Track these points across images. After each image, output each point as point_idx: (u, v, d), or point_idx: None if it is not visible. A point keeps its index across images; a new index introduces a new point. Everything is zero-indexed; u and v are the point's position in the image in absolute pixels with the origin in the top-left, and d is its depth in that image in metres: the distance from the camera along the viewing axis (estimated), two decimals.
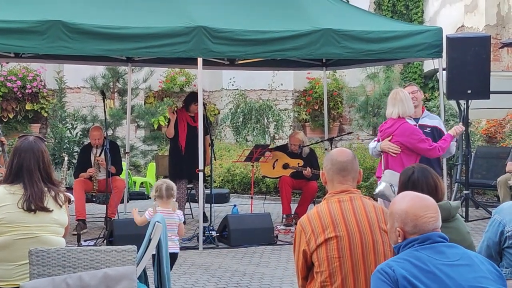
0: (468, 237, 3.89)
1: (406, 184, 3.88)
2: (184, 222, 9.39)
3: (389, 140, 6.75)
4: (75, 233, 8.23)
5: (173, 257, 5.83)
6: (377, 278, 2.80)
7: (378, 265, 3.42)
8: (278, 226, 9.27)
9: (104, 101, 8.90)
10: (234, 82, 16.42)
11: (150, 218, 6.00)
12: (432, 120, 7.27)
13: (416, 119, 7.19)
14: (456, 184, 10.86)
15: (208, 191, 9.26)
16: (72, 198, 4.49)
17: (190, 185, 9.82)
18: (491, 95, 9.32)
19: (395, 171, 6.42)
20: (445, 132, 7.18)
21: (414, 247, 2.84)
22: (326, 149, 10.89)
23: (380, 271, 2.80)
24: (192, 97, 9.61)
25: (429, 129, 7.14)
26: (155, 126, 15.93)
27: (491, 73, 9.39)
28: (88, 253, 3.82)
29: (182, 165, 9.41)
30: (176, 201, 9.60)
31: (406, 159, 6.66)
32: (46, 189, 4.02)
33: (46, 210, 3.98)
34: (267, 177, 10.76)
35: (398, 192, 3.97)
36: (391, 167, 6.61)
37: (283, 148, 10.09)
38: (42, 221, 3.99)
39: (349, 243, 3.45)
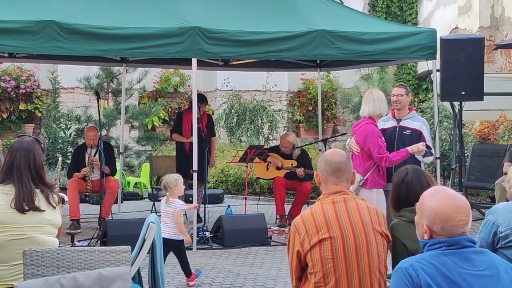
0: None
1: (400, 185, 3.89)
2: (186, 216, 9.49)
3: (354, 139, 6.84)
4: (69, 232, 8.23)
5: (174, 244, 6.37)
6: (399, 278, 2.68)
7: (373, 266, 3.44)
8: (272, 227, 9.28)
9: (98, 102, 8.88)
10: (228, 83, 16.43)
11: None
12: (414, 122, 7.18)
13: (399, 120, 7.21)
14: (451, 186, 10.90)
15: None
16: (66, 199, 4.47)
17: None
18: (484, 96, 9.33)
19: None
20: (426, 136, 7.11)
21: (442, 249, 2.73)
22: (320, 150, 10.89)
23: (404, 271, 2.68)
24: (198, 99, 9.59)
25: (409, 131, 7.11)
26: (149, 127, 15.93)
27: (485, 75, 9.39)
28: (82, 254, 3.82)
29: (186, 165, 9.39)
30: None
31: (363, 160, 6.73)
32: (38, 190, 4.01)
33: (38, 210, 3.97)
34: (261, 179, 10.76)
35: (392, 194, 3.98)
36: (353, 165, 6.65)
37: (275, 150, 10.09)
38: (35, 221, 3.98)
39: (343, 244, 3.45)
